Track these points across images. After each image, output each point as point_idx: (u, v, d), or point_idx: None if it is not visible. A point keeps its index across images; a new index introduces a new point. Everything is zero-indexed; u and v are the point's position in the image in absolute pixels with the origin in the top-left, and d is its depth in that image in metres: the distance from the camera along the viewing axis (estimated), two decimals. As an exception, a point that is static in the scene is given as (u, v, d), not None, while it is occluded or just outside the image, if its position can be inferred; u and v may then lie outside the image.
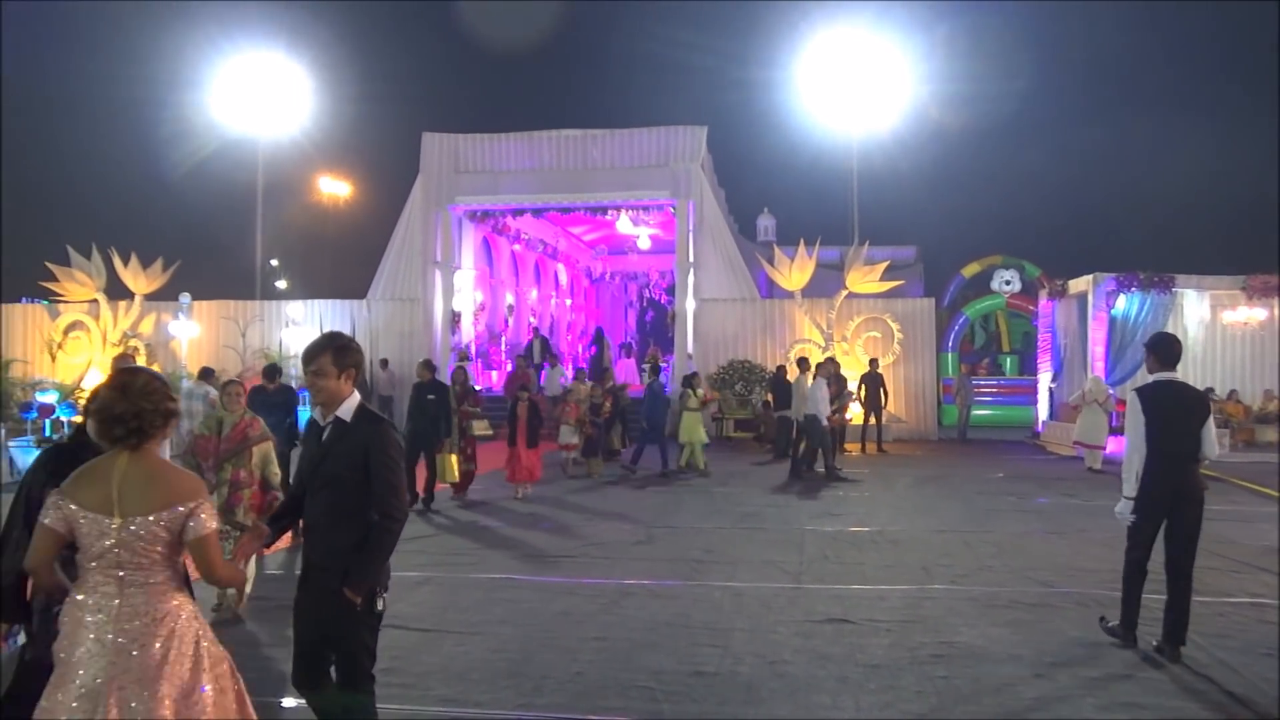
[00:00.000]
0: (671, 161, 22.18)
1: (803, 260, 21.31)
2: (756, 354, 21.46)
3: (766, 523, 10.78)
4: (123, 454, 3.21)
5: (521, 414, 12.66)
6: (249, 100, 26.07)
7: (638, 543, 9.62)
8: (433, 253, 22.94)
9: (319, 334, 15.66)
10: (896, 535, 9.99)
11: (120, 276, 22.83)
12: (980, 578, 8.05)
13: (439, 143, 22.97)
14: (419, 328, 22.70)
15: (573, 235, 30.64)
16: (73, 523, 3.13)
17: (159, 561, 3.17)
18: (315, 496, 3.87)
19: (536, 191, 22.64)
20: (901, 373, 21.02)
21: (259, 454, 6.92)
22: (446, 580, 7.98)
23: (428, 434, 11.55)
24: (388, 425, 3.91)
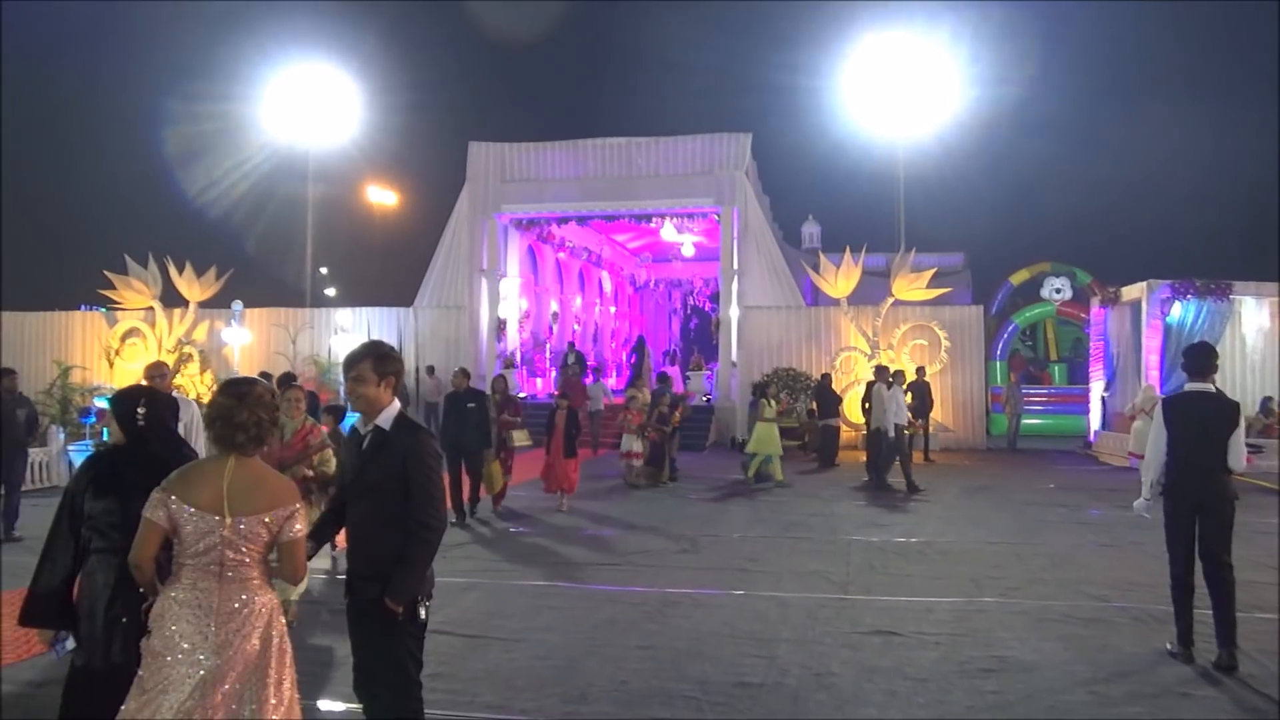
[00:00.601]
0: (716, 169, 22.16)
1: (848, 267, 21.15)
2: (801, 362, 21.33)
3: (812, 532, 10.69)
4: (230, 457, 3.33)
5: (559, 423, 12.33)
6: (300, 111, 26.56)
7: (682, 551, 9.59)
8: (479, 260, 23.14)
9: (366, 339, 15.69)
10: (945, 546, 9.84)
11: (175, 285, 23.34)
12: (1032, 591, 7.90)
13: (485, 152, 23.18)
14: (465, 335, 22.90)
15: (617, 243, 30.71)
16: (178, 520, 3.25)
17: (256, 559, 3.33)
18: (356, 505, 3.91)
19: (581, 200, 22.75)
20: (949, 381, 20.76)
21: (320, 457, 7.04)
22: (492, 587, 8.02)
23: (470, 444, 11.15)
24: (426, 434, 3.94)
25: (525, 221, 23.98)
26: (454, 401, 11.36)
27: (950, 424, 20.60)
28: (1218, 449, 5.94)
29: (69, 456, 14.64)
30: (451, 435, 11.12)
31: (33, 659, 5.93)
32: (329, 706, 5.13)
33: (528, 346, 24.99)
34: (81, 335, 24.19)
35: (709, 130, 22.50)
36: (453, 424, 11.22)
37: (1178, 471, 6.02)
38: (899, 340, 20.93)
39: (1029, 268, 28.02)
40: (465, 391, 11.46)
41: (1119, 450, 17.59)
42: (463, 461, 11.21)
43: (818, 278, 21.81)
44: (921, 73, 25.19)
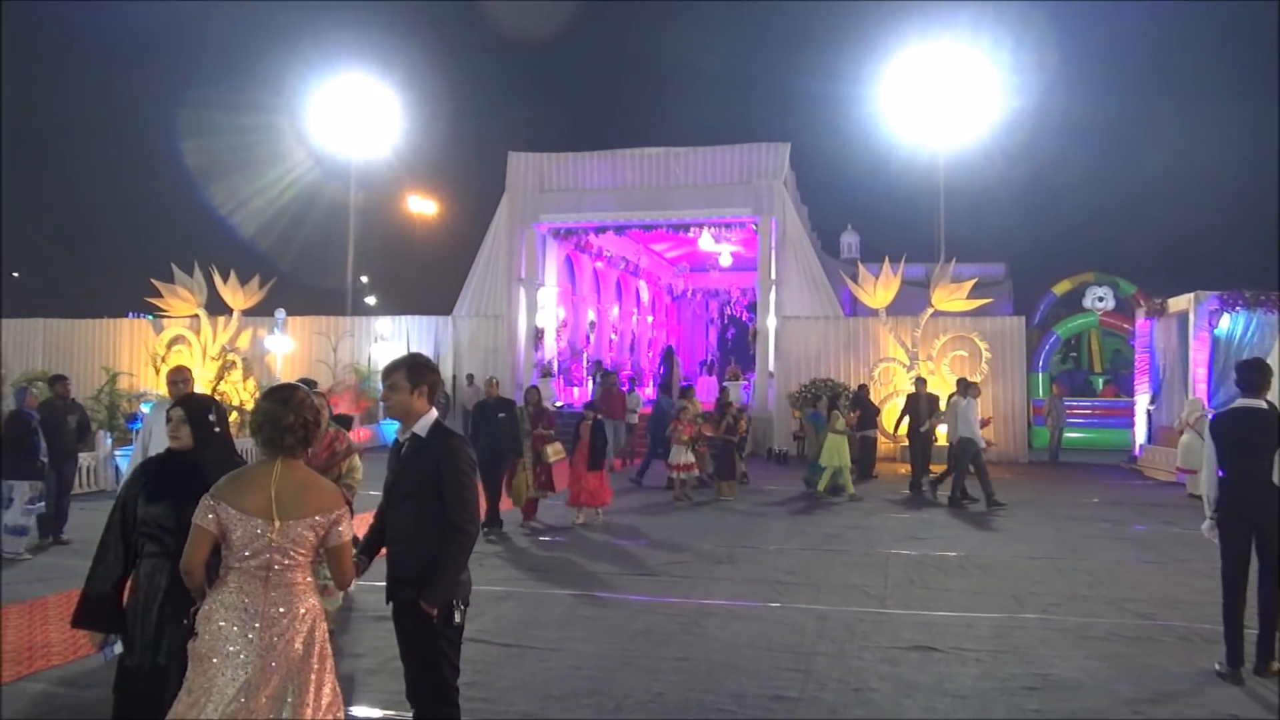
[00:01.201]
0: (754, 178, 22.12)
1: (887, 277, 21.00)
2: (839, 373, 21.18)
3: (850, 545, 10.60)
4: (276, 462, 3.39)
5: (583, 434, 11.95)
6: (342, 121, 26.95)
7: (718, 563, 9.56)
8: (517, 270, 23.28)
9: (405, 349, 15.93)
10: (985, 561, 9.71)
11: (220, 293, 23.73)
12: (1075, 607, 7.77)
13: (524, 162, 23.34)
14: (503, 344, 23.04)
15: (654, 252, 30.76)
16: (227, 525, 3.31)
17: (302, 563, 3.39)
18: (394, 511, 4.02)
19: (619, 209, 22.81)
20: (990, 393, 20.47)
21: (348, 465, 6.89)
22: (528, 596, 8.04)
23: (501, 455, 10.94)
24: (460, 440, 4.05)
25: (563, 231, 24.09)
26: (483, 410, 11.19)
27: (991, 437, 20.30)
28: (1269, 464, 5.87)
29: (115, 461, 14.91)
30: (481, 445, 10.73)
31: (80, 660, 6.03)
32: (367, 714, 5.17)
33: (565, 356, 25.09)
34: (129, 342, 24.67)
35: (747, 140, 22.47)
36: (482, 433, 10.96)
37: (1230, 488, 5.96)
38: (938, 351, 20.72)
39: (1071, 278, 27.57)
40: (496, 401, 11.26)
41: (1165, 465, 17.25)
42: (491, 471, 10.84)
43: (856, 288, 21.67)
44: (962, 79, 25.00)
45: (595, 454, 11.87)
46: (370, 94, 27.13)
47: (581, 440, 11.90)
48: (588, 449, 11.82)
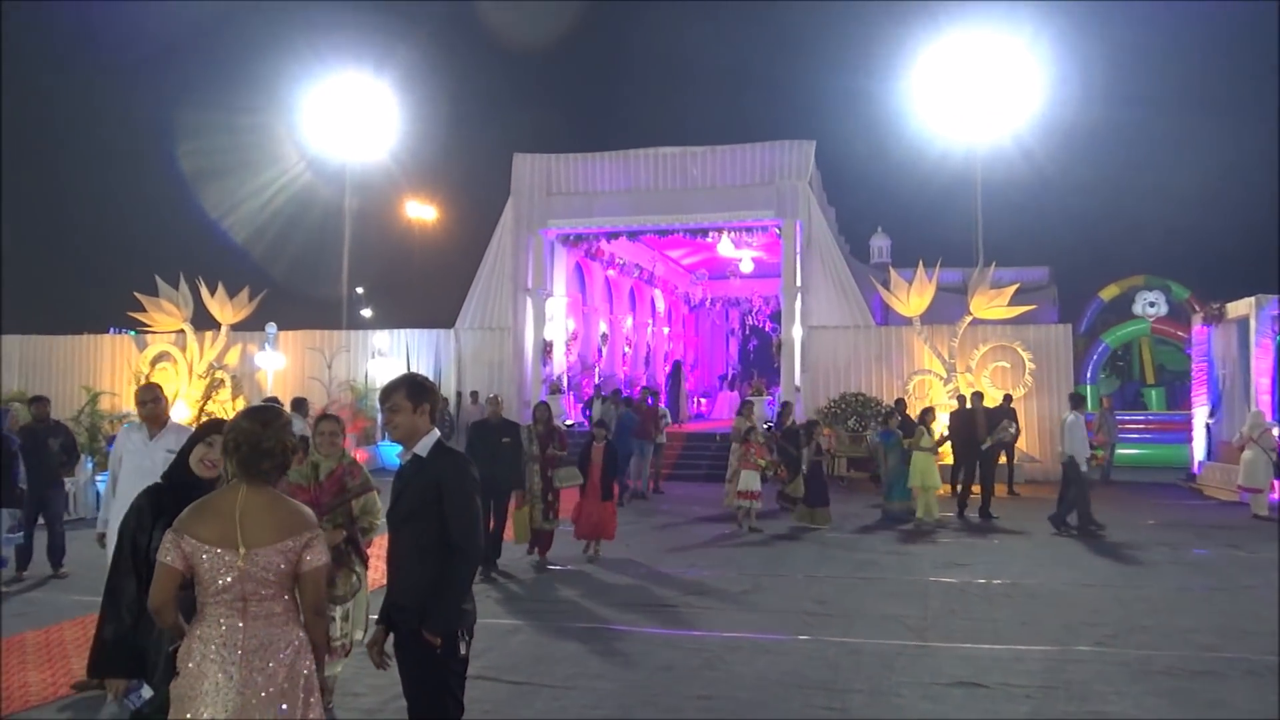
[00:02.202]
0: (777, 179, 22.13)
1: (922, 283, 20.94)
2: (871, 386, 21.12)
3: (886, 572, 10.54)
4: (241, 486, 3.37)
5: (595, 458, 11.36)
6: (336, 123, 27.12)
7: (744, 592, 9.51)
8: (524, 279, 23.34)
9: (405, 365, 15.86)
10: (1033, 588, 9.63)
11: (207, 306, 23.88)
12: (1132, 639, 7.69)
13: (530, 164, 23.43)
14: (509, 358, 23.08)
15: (670, 259, 30.79)
16: (193, 559, 3.31)
17: (278, 592, 3.37)
18: (396, 535, 4.05)
19: (632, 213, 22.86)
20: (1034, 406, 20.38)
21: (359, 504, 5.98)
22: (539, 629, 8.01)
23: (502, 483, 10.29)
24: (462, 458, 4.10)
25: (573, 237, 24.16)
26: (484, 433, 10.60)
27: (1036, 453, 20.21)
28: None
29: (96, 487, 14.98)
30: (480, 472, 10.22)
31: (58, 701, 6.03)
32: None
33: (575, 370, 25.11)
34: (111, 359, 24.84)
35: (769, 138, 22.49)
36: (481, 458, 9.95)
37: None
38: (978, 362, 20.64)
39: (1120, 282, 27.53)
40: (499, 422, 10.73)
41: (1226, 483, 17.08)
42: (491, 504, 10.25)
43: (888, 295, 21.62)
44: (1000, 70, 24.97)
45: (608, 481, 11.41)
46: (365, 93, 27.30)
47: (593, 465, 11.36)
48: (600, 475, 11.32)
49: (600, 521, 11.25)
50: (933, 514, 14.04)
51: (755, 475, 13.70)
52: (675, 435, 20.69)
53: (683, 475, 19.50)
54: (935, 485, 14.16)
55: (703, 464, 20.32)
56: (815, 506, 13.88)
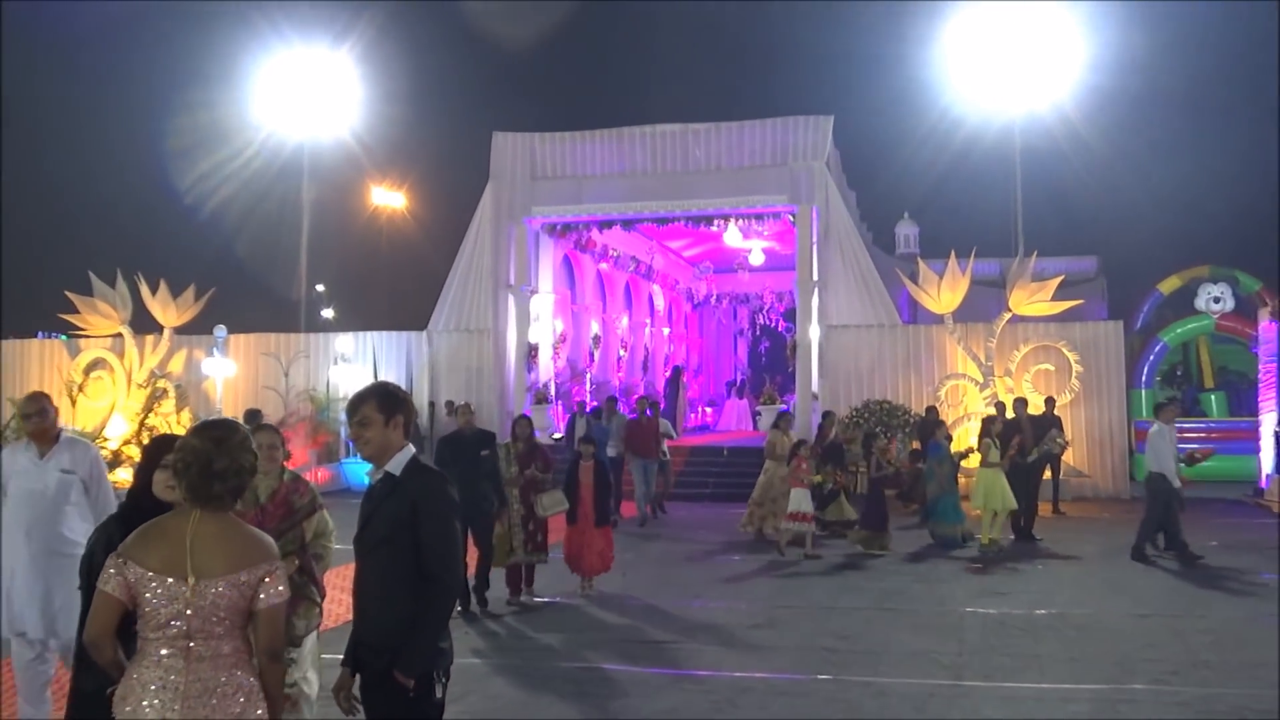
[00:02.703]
0: (790, 160, 22.17)
1: (954, 276, 20.98)
2: (898, 392, 21.14)
3: (915, 602, 10.55)
4: (195, 510, 3.36)
5: (584, 479, 11.06)
6: (290, 102, 27.14)
7: (755, 626, 9.52)
8: (505, 274, 23.37)
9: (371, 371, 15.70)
10: (1082, 620, 9.65)
11: (148, 307, 23.88)
12: (1194, 676, 7.71)
13: (512, 144, 23.46)
14: (488, 363, 23.09)
15: (671, 251, 30.84)
16: (136, 589, 3.29)
17: (230, 631, 3.35)
18: (363, 564, 4.05)
19: (628, 199, 22.89)
20: (1082, 414, 20.41)
21: (310, 527, 5.88)
22: (524, 671, 8.01)
23: (480, 503, 9.98)
24: (440, 477, 4.11)
25: (560, 226, 24.19)
26: (456, 446, 10.30)
27: (1084, 468, 20.24)
28: None
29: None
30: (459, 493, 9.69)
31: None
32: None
33: (564, 377, 25.13)
34: (39, 367, 24.80)
35: (781, 113, 22.54)
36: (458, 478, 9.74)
37: None
38: (1018, 365, 20.66)
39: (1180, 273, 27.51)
40: (474, 434, 10.48)
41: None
42: (469, 529, 9.74)
43: (916, 289, 21.66)
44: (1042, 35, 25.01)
45: (602, 505, 11.07)
46: (325, 66, 27.33)
47: (582, 488, 11.04)
48: (592, 499, 11.02)
49: (596, 552, 11.01)
50: (1000, 541, 13.95)
51: (806, 494, 13.53)
52: (676, 449, 20.71)
53: (685, 495, 19.51)
54: (1008, 506, 14.02)
55: (709, 481, 20.33)
56: (876, 530, 13.73)
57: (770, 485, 14.71)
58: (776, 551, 13.48)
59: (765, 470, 14.95)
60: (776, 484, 14.47)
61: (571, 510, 11.01)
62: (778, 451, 14.77)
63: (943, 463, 14.51)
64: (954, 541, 14.07)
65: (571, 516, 11.03)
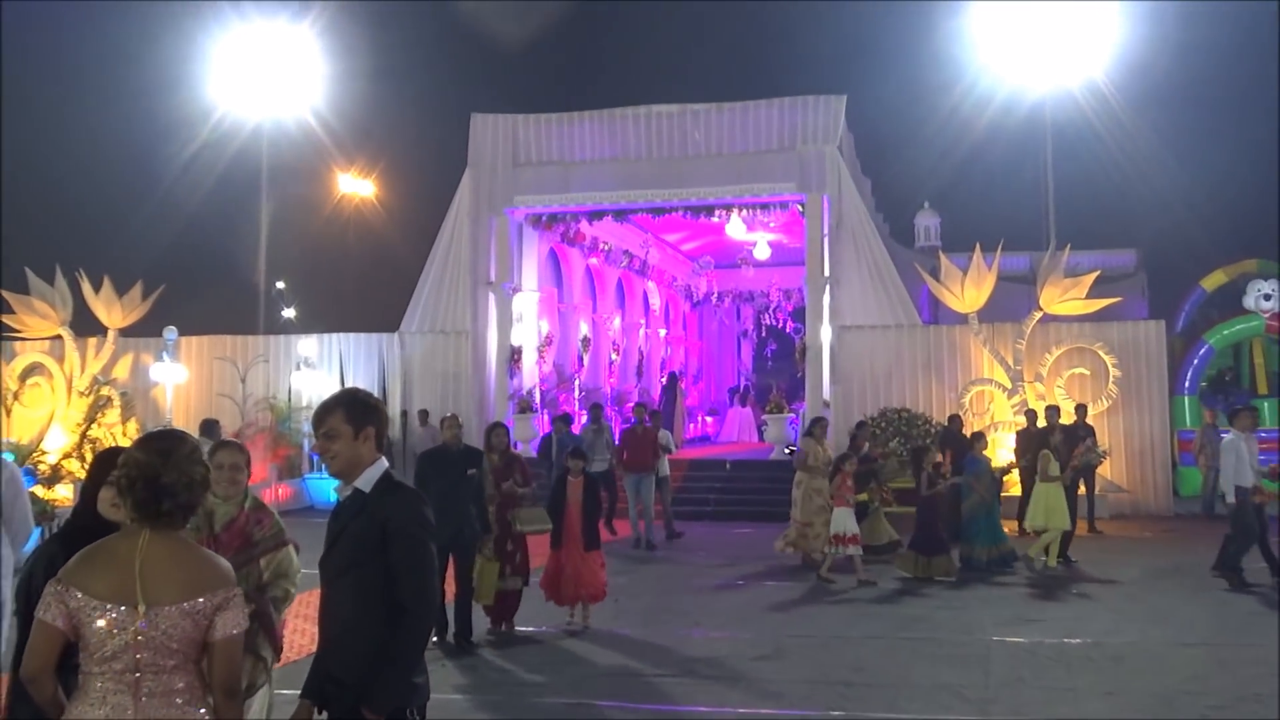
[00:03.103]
0: (799, 144, 22.21)
1: (979, 271, 20.99)
2: (918, 400, 21.16)
3: (938, 630, 10.57)
4: (144, 531, 3.35)
5: (573, 496, 10.83)
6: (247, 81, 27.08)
7: (761, 658, 9.52)
8: (485, 270, 23.38)
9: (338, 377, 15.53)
10: (1121, 649, 9.67)
11: (90, 306, 23.82)
12: (1244, 710, 7.74)
13: (492, 126, 23.47)
14: (466, 369, 23.08)
15: (668, 244, 30.83)
16: (79, 618, 3.27)
17: (182, 664, 3.33)
18: (329, 590, 4.04)
19: (620, 187, 22.90)
20: (1120, 423, 20.44)
21: (270, 565, 5.50)
22: (510, 708, 8.02)
23: (463, 528, 9.80)
24: (414, 496, 4.10)
25: (546, 218, 24.18)
26: (440, 464, 10.07)
27: (1123, 482, 20.26)
28: None
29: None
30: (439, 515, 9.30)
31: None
32: None
33: (550, 383, 25.12)
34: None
35: (789, 93, 22.58)
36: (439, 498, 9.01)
37: None
38: (1049, 369, 20.67)
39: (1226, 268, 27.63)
40: (460, 450, 10.24)
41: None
42: (451, 555, 9.69)
43: (938, 286, 21.68)
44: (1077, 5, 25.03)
45: (590, 525, 10.86)
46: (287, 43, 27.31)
47: (570, 506, 10.84)
48: (580, 518, 10.81)
49: (585, 579, 10.74)
50: (1048, 559, 13.96)
51: (851, 514, 13.44)
52: (674, 463, 20.73)
53: (684, 513, 19.49)
54: (1064, 525, 14.10)
55: (709, 498, 20.35)
56: (932, 555, 13.44)
57: (809, 499, 14.35)
58: (817, 578, 13.33)
59: (798, 483, 14.65)
60: (815, 498, 14.25)
61: (556, 531, 10.79)
62: (811, 462, 14.52)
63: (980, 478, 14.44)
64: (983, 564, 14.01)
65: (556, 539, 10.81)
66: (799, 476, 14.71)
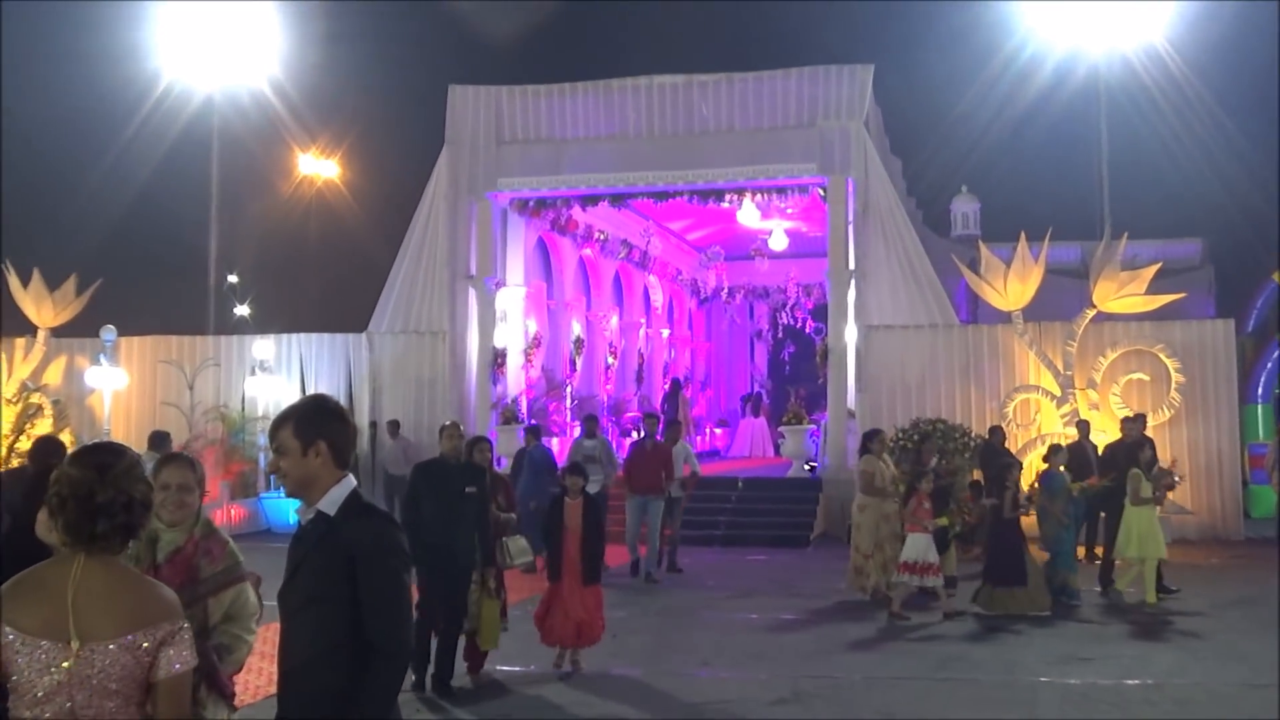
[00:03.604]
0: (820, 119, 22.21)
1: (1025, 264, 20.97)
2: (954, 409, 21.12)
3: (977, 670, 10.57)
4: (78, 557, 3.34)
5: (571, 521, 10.49)
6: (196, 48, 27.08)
7: (778, 702, 9.52)
8: (464, 263, 23.39)
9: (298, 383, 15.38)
10: (1185, 691, 9.67)
11: (18, 303, 23.81)
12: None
13: (474, 100, 23.48)
14: (443, 374, 23.07)
15: (672, 233, 30.87)
16: (7, 654, 3.26)
17: (123, 706, 3.31)
18: (289, 626, 4.02)
19: (618, 169, 22.94)
20: (1184, 436, 20.41)
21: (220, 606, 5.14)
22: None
23: (458, 556, 9.63)
24: (386, 521, 4.08)
25: (534, 203, 24.19)
26: (435, 478, 9.91)
27: (1187, 502, 20.22)
28: None
29: None
30: (428, 541, 9.28)
31: None
32: None
33: (538, 390, 25.11)
34: (-118, 380, 24.75)
35: (810, 62, 22.60)
36: (433, 520, 9.61)
37: None
38: (1104, 374, 20.64)
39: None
40: (460, 465, 10.05)
41: None
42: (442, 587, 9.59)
43: (977, 280, 21.67)
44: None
45: (592, 555, 10.50)
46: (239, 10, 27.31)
47: (568, 533, 10.48)
48: (580, 547, 10.43)
49: (582, 619, 10.35)
50: (1150, 597, 13.78)
51: (929, 540, 13.23)
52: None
53: (691, 537, 19.41)
54: (1162, 553, 14.04)
55: (718, 521, 20.32)
56: (1014, 585, 13.26)
57: (877, 528, 14.08)
58: (889, 616, 13.09)
59: (861, 507, 14.37)
60: (883, 526, 14.01)
61: (555, 563, 10.50)
62: (878, 484, 14.20)
63: (1057, 498, 14.42)
64: (1073, 592, 13.95)
65: (555, 571, 10.48)
66: (861, 500, 14.38)
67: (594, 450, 17.02)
